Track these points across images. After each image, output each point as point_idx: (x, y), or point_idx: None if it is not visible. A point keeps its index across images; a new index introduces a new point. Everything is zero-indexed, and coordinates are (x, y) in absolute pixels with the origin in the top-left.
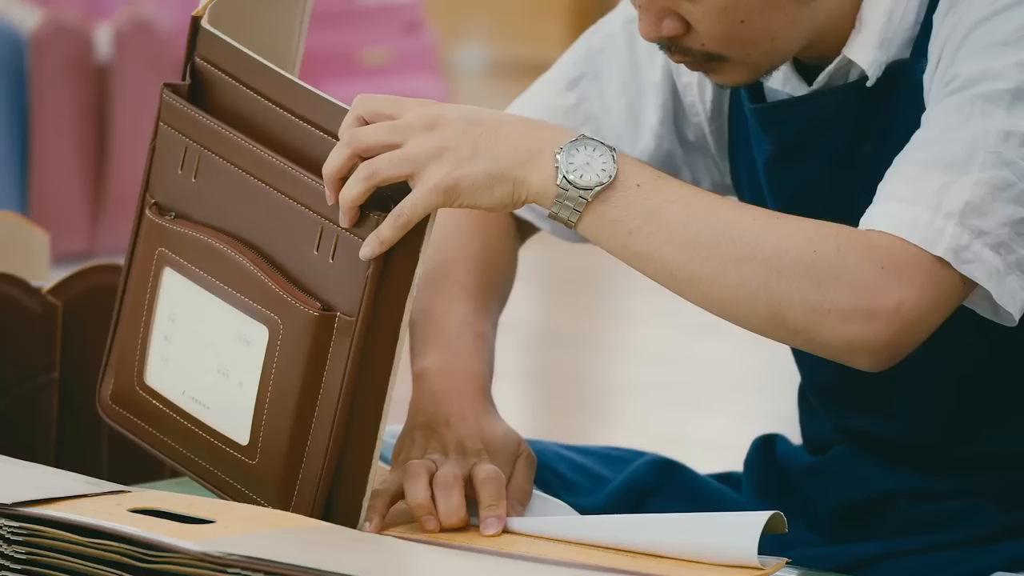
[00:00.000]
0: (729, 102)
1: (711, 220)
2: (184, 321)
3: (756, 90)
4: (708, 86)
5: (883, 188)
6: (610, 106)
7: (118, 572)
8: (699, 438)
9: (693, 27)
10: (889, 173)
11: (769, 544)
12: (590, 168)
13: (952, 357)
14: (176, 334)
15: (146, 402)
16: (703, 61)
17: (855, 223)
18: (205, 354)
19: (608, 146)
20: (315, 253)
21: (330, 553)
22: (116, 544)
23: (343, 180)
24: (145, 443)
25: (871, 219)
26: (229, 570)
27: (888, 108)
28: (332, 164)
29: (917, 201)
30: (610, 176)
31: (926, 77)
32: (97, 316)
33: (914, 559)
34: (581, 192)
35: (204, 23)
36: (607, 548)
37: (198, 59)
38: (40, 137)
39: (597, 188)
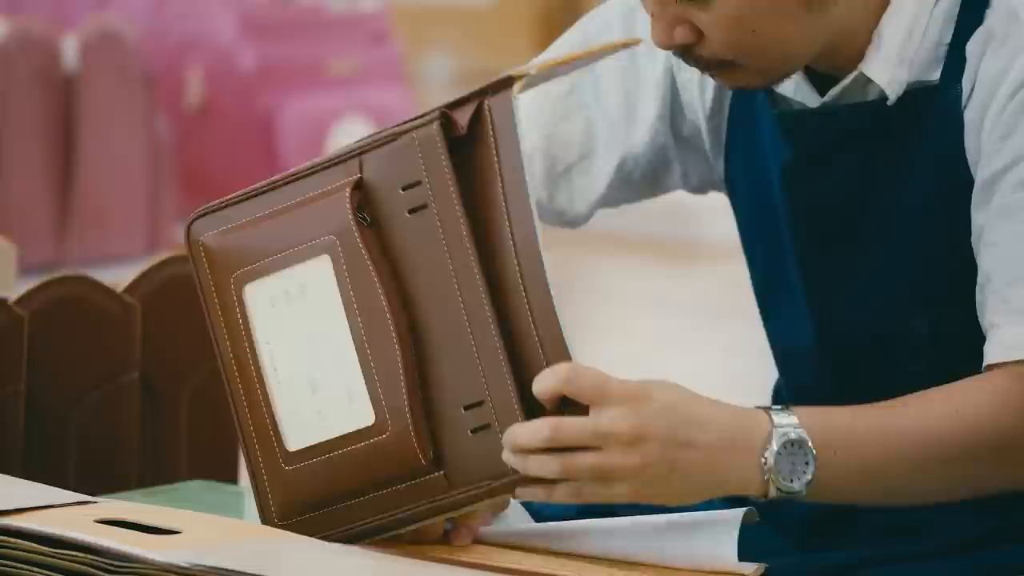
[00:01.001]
0: (731, 102)
1: (903, 453)
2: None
3: (771, 95)
4: (709, 84)
5: (989, 317)
6: (605, 97)
7: None
8: None
9: (705, 35)
10: (988, 300)
11: (742, 552)
12: (795, 470)
13: (963, 369)
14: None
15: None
16: (715, 67)
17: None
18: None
19: (799, 430)
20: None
21: (294, 563)
22: (83, 555)
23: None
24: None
25: (994, 352)
26: None
27: (915, 131)
28: (526, 442)
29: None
30: (814, 469)
31: (969, 115)
32: (63, 326)
33: (888, 568)
34: (795, 493)
35: (516, 92)
36: (582, 558)
37: (487, 105)
38: (7, 147)
39: (808, 483)
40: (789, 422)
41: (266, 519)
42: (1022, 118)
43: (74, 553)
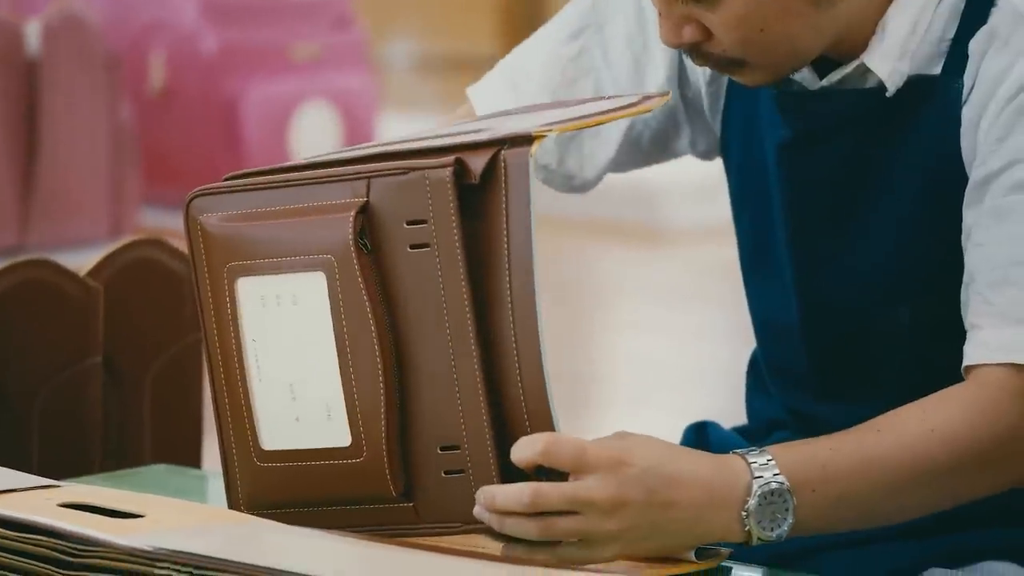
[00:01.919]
0: None
1: (884, 478)
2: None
3: None
4: None
5: (971, 318)
6: (613, 60)
7: (47, 567)
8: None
9: (713, 34)
10: (972, 300)
11: None
12: (775, 518)
13: (937, 362)
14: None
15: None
16: (725, 65)
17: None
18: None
19: (778, 477)
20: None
21: (258, 547)
22: (46, 539)
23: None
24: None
25: (975, 354)
26: (159, 564)
27: (912, 121)
28: (505, 505)
29: (1005, 322)
30: (792, 519)
31: (967, 112)
32: (26, 310)
33: (850, 552)
34: (773, 540)
35: (533, 151)
36: None
37: (503, 157)
38: None
39: (787, 529)
40: (768, 471)
41: (232, 505)
42: (1019, 121)
43: (37, 537)
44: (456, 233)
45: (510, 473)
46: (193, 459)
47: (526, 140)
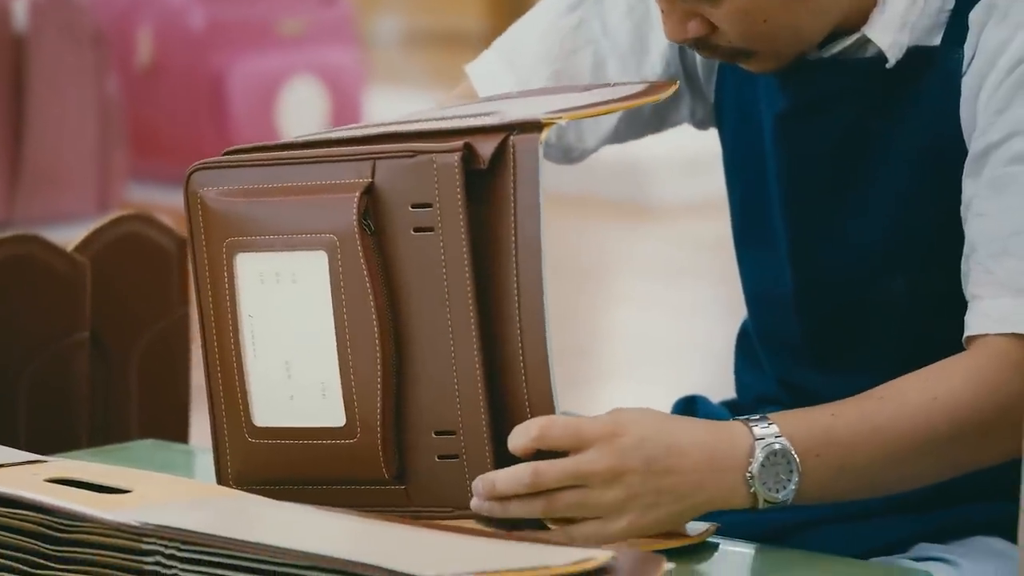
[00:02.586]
0: None
1: (885, 447)
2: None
3: None
4: None
5: (972, 288)
6: (614, 29)
7: (35, 542)
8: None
9: (718, 27)
10: (972, 271)
11: None
12: (780, 479)
13: (933, 333)
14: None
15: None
16: (731, 56)
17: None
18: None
19: (780, 439)
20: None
21: (246, 522)
22: (33, 514)
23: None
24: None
25: (976, 324)
26: (145, 539)
27: (912, 92)
28: (506, 489)
29: (1005, 292)
30: (798, 477)
31: (967, 82)
32: (13, 285)
33: (839, 527)
34: (782, 502)
35: (543, 138)
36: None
37: (512, 143)
38: None
39: (794, 490)
40: (770, 432)
41: (221, 480)
42: (1019, 93)
43: (24, 512)
44: (462, 218)
45: (505, 461)
46: (180, 434)
47: (535, 127)
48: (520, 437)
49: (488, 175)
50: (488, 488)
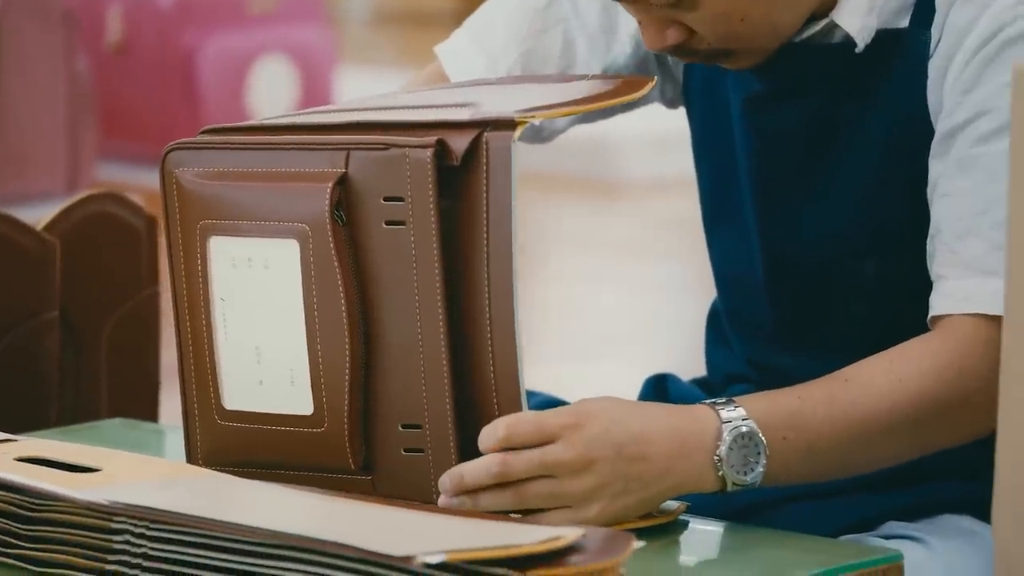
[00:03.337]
0: None
1: (851, 429)
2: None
3: None
4: None
5: (937, 268)
6: (583, 9)
7: (5, 521)
8: (589, 386)
9: (696, 31)
10: (938, 251)
11: None
12: (747, 462)
13: (902, 315)
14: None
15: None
16: (711, 58)
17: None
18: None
19: (747, 422)
20: None
21: (215, 501)
22: (3, 493)
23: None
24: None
25: (940, 304)
26: (115, 518)
27: (880, 75)
28: (475, 481)
29: (970, 273)
30: (767, 458)
31: (934, 63)
32: None
33: (808, 505)
34: (749, 485)
35: (516, 136)
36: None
37: (485, 140)
38: None
39: (762, 472)
40: (736, 415)
41: (191, 460)
42: (985, 72)
43: None
44: (433, 213)
45: (470, 457)
46: (150, 413)
47: (509, 124)
48: (488, 439)
49: (461, 171)
50: (456, 482)
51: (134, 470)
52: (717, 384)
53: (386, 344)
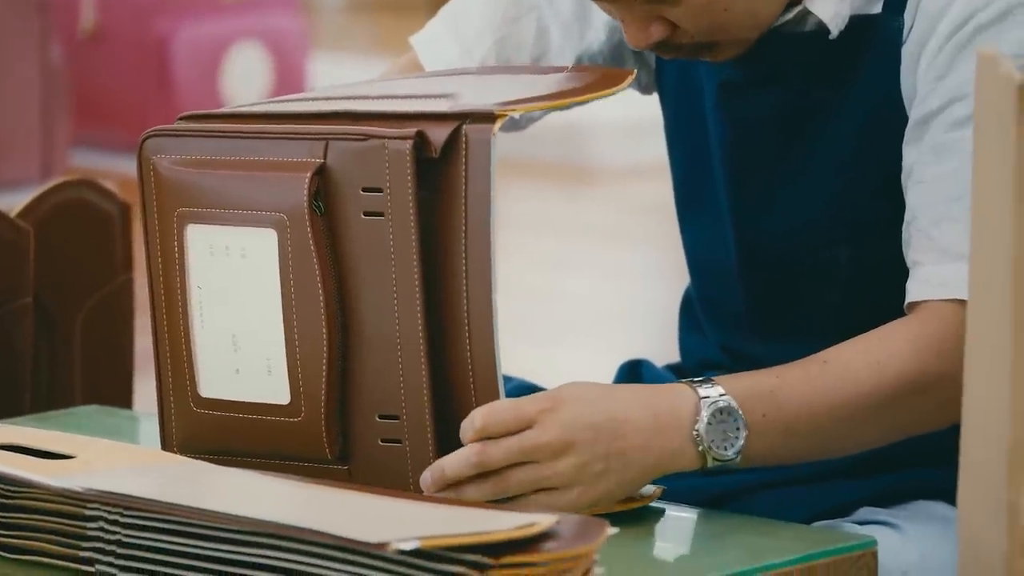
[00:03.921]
0: None
1: (831, 410)
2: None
3: None
4: None
5: (913, 255)
6: None
7: None
8: (564, 371)
9: (679, 26)
10: (914, 237)
11: None
12: (727, 437)
13: (875, 302)
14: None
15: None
16: (695, 52)
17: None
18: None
19: (725, 397)
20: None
21: (190, 488)
22: None
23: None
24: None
25: (917, 290)
26: (89, 505)
27: (854, 61)
28: (456, 473)
29: (946, 258)
30: (746, 434)
31: (907, 49)
32: None
33: (782, 492)
34: (729, 460)
35: (495, 129)
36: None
37: (464, 132)
38: None
39: (742, 446)
40: (714, 392)
41: (166, 447)
42: (959, 58)
43: None
44: (411, 205)
45: (447, 449)
46: (124, 400)
47: (489, 117)
48: (467, 431)
49: (440, 163)
50: (437, 476)
51: (109, 457)
52: (690, 370)
53: (363, 334)
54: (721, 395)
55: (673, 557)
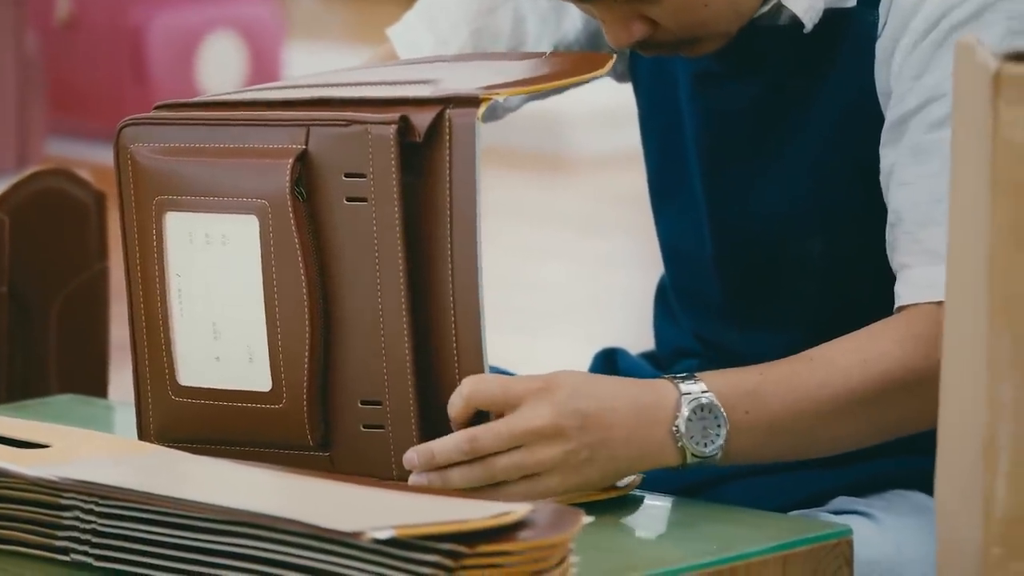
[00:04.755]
0: None
1: (815, 408)
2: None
3: None
4: None
5: (900, 258)
6: None
7: None
8: (539, 360)
9: (660, 24)
10: (900, 240)
11: None
12: (707, 434)
13: (849, 294)
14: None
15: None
16: (676, 48)
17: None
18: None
19: (707, 394)
20: None
21: (166, 477)
22: None
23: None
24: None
25: (906, 293)
26: (64, 495)
27: (828, 55)
28: (445, 456)
29: (934, 260)
30: (727, 431)
31: (881, 44)
32: None
33: (759, 480)
34: (709, 457)
35: (480, 114)
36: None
37: (448, 117)
38: None
39: (722, 445)
40: (696, 388)
41: (143, 436)
42: (935, 57)
43: None
44: (395, 190)
45: (430, 435)
46: (99, 390)
47: (473, 101)
48: (455, 399)
49: (424, 148)
50: (426, 458)
51: (84, 446)
52: (665, 358)
53: (346, 321)
54: (703, 392)
55: (648, 546)
